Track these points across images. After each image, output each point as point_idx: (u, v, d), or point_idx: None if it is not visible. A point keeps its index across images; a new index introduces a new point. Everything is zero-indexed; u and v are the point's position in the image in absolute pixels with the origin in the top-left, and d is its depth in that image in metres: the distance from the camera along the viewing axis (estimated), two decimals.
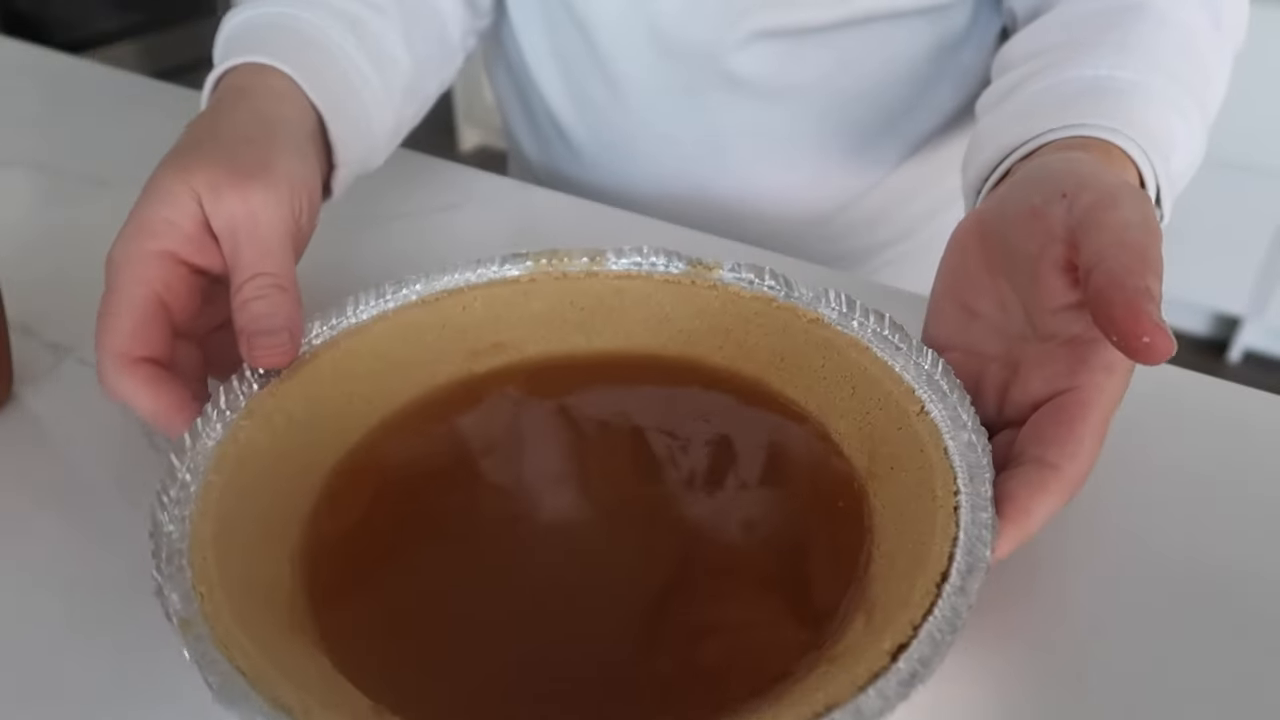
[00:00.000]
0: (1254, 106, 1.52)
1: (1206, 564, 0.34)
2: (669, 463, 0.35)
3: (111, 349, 0.33)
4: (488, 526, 0.33)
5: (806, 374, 0.37)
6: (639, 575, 0.31)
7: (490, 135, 2.55)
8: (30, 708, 0.29)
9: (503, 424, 0.37)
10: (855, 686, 0.24)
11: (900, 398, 0.33)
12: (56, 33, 1.87)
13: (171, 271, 0.34)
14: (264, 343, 0.33)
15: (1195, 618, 0.32)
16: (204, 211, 0.34)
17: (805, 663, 0.27)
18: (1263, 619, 0.32)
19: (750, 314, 0.38)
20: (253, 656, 0.25)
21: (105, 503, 0.36)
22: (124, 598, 0.32)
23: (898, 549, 0.30)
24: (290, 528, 0.31)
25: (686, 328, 0.39)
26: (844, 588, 0.30)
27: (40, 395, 0.41)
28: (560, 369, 0.39)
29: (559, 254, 0.40)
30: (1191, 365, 0.42)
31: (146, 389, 0.33)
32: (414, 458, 0.35)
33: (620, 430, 0.37)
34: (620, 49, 0.59)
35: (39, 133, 0.66)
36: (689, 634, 0.29)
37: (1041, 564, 0.34)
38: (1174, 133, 0.40)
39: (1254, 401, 0.42)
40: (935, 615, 0.26)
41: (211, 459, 0.31)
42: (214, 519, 0.29)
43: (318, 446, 0.34)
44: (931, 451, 0.31)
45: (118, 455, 0.38)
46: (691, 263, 0.39)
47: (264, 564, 0.29)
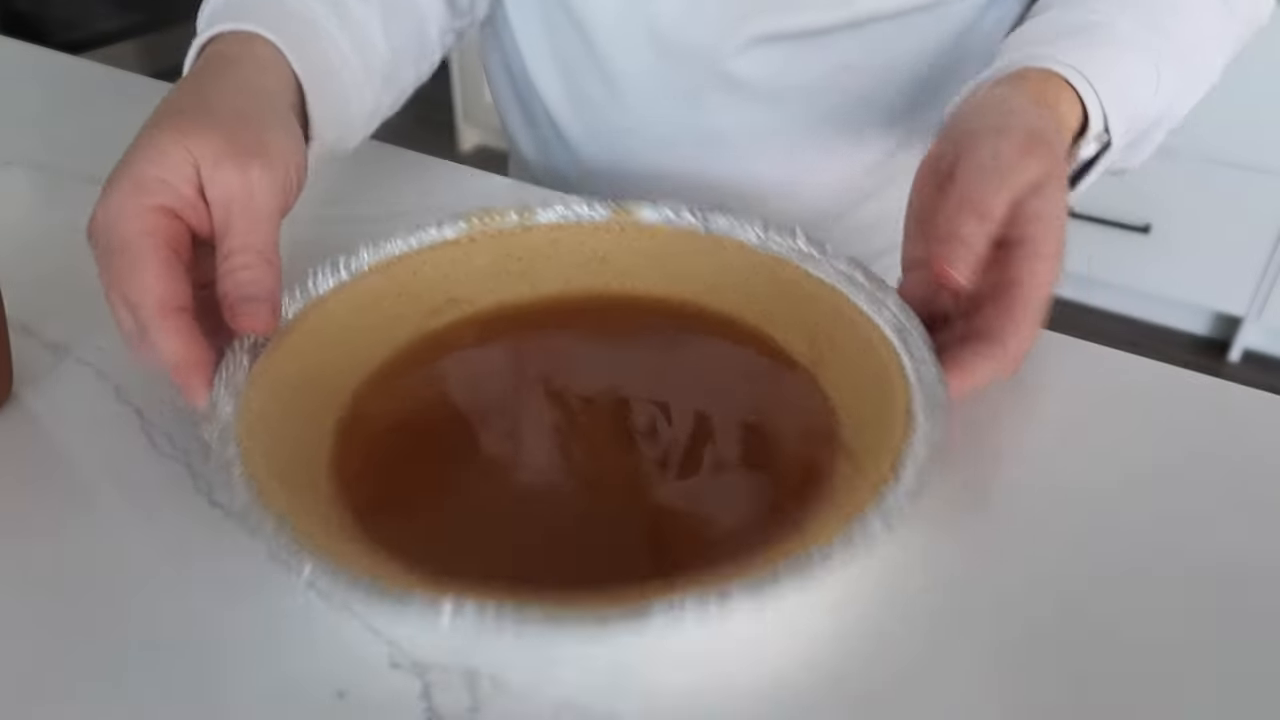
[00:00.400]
0: (1254, 106, 1.52)
1: (1207, 563, 0.34)
2: (634, 372, 0.41)
3: (149, 303, 0.33)
4: (487, 437, 0.38)
5: (739, 292, 0.41)
6: (624, 460, 0.36)
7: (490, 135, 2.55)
8: (31, 707, 0.29)
9: (478, 362, 0.42)
10: (866, 501, 0.28)
11: (825, 294, 0.39)
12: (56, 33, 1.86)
13: (172, 225, 0.34)
14: (247, 309, 0.34)
15: (1195, 617, 0.32)
16: (200, 178, 0.35)
17: (801, 504, 0.32)
18: (1263, 618, 0.32)
19: (677, 248, 0.42)
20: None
21: (105, 503, 0.36)
22: (124, 597, 0.32)
23: (859, 406, 0.35)
24: (315, 477, 0.34)
25: (621, 266, 0.43)
26: (823, 444, 0.35)
27: (40, 395, 0.41)
28: (511, 316, 0.43)
29: (490, 213, 0.43)
30: (1191, 365, 0.42)
31: (186, 340, 0.33)
32: (405, 402, 0.39)
33: (586, 354, 0.42)
34: (618, 49, 0.59)
35: (39, 133, 0.66)
36: (684, 494, 0.35)
37: (1040, 564, 0.34)
38: (1124, 63, 0.43)
39: (1254, 401, 0.42)
40: (913, 440, 0.30)
41: (234, 426, 0.32)
42: (250, 478, 0.31)
43: (316, 407, 0.37)
44: (864, 326, 0.37)
45: (118, 455, 0.38)
46: (614, 208, 0.43)
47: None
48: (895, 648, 0.31)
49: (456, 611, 0.26)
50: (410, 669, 0.30)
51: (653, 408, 0.38)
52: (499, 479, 0.36)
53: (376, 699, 0.29)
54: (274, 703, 0.29)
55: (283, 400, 0.35)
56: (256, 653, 0.31)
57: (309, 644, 0.31)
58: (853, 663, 0.31)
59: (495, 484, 0.36)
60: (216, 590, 0.33)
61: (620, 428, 0.38)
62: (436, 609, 0.26)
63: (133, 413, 0.40)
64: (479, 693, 0.30)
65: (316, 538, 0.28)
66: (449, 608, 0.26)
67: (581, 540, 0.33)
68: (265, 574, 0.33)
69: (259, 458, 0.31)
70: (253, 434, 0.32)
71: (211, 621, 0.32)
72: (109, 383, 0.42)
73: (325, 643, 0.31)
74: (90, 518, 0.36)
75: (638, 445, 0.37)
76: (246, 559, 0.34)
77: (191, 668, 0.30)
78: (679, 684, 0.30)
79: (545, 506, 0.35)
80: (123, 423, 0.40)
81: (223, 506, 0.36)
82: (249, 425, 0.32)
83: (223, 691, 0.30)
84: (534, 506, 0.35)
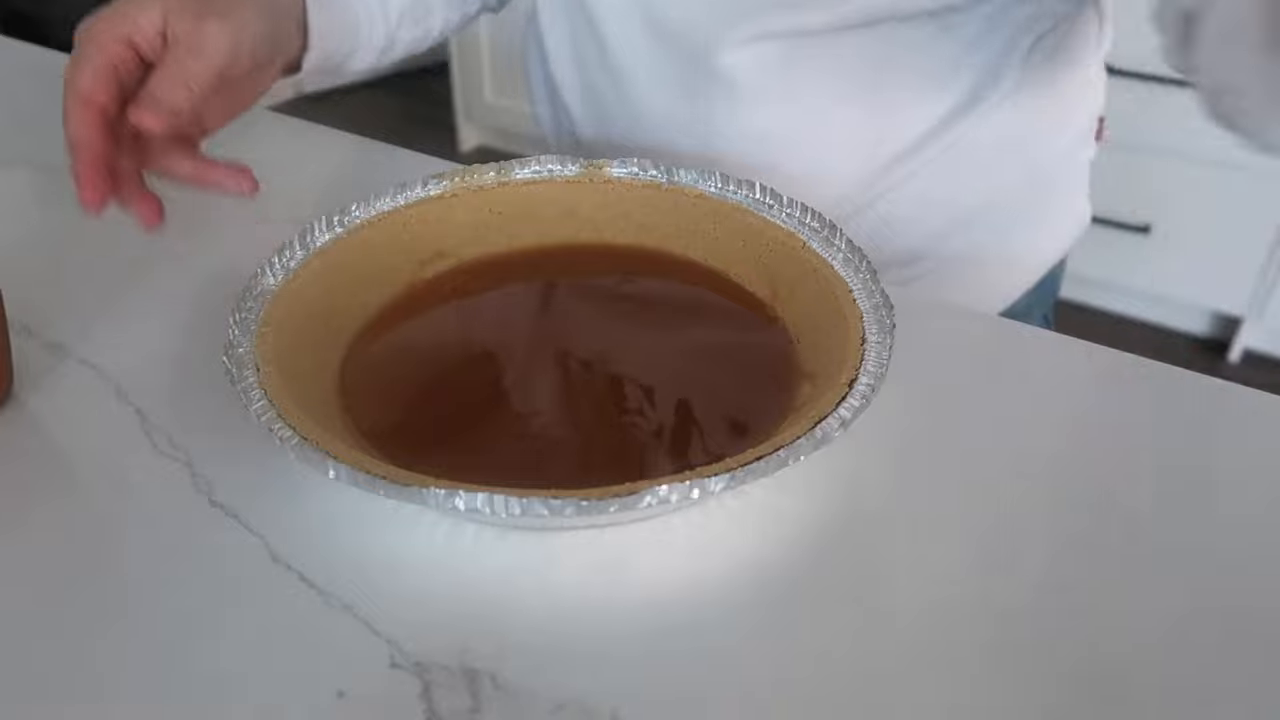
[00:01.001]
0: None
1: (1206, 563, 0.34)
2: (611, 315, 0.44)
3: (71, 92, 0.42)
4: (485, 363, 0.42)
5: (702, 238, 0.45)
6: (606, 387, 0.40)
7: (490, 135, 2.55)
8: (30, 707, 0.29)
9: (467, 307, 0.45)
10: (823, 412, 0.32)
11: (782, 237, 0.42)
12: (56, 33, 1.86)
13: (125, 53, 0.43)
14: (147, 105, 0.41)
15: (1194, 616, 0.32)
16: (165, 22, 0.43)
17: (770, 418, 0.36)
18: (1262, 618, 0.32)
19: (643, 199, 0.46)
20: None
21: (105, 503, 0.36)
22: (124, 597, 0.33)
23: (816, 335, 0.39)
24: (326, 403, 0.37)
25: (592, 218, 0.47)
26: (786, 370, 0.39)
27: (40, 395, 0.41)
28: (495, 264, 0.47)
29: (470, 170, 0.47)
30: (1191, 365, 0.42)
31: (91, 129, 0.41)
32: (403, 342, 0.43)
33: (565, 298, 0.46)
34: (621, 39, 0.59)
35: (39, 133, 0.66)
36: (659, 416, 0.38)
37: (1039, 563, 0.34)
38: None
39: (1253, 401, 0.42)
40: (866, 359, 0.35)
41: (253, 355, 0.36)
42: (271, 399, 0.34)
43: (325, 344, 0.40)
44: (817, 262, 0.40)
45: (118, 455, 0.38)
46: (585, 165, 0.47)
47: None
48: (896, 646, 0.31)
49: (469, 502, 0.29)
50: (410, 668, 0.30)
51: (630, 345, 0.42)
52: (490, 407, 0.40)
53: (376, 698, 0.30)
54: (274, 702, 0.29)
55: (292, 337, 0.38)
56: (256, 652, 0.31)
57: (309, 643, 0.31)
58: (865, 665, 0.31)
59: (486, 412, 0.39)
60: (216, 590, 0.33)
61: (600, 362, 0.42)
62: (451, 498, 0.29)
63: (133, 413, 0.40)
64: (479, 692, 0.30)
65: (335, 447, 0.31)
66: (461, 497, 0.29)
67: (567, 455, 0.37)
68: (265, 573, 0.33)
69: (276, 381, 0.35)
70: (268, 362, 0.35)
71: (211, 621, 0.32)
72: (109, 383, 0.42)
73: (325, 642, 0.31)
74: (90, 518, 0.36)
75: (620, 380, 0.41)
76: (246, 559, 0.34)
77: (191, 668, 0.30)
78: (678, 684, 0.30)
79: (531, 430, 0.38)
80: (123, 423, 0.40)
81: (223, 506, 0.36)
82: (264, 355, 0.36)
83: (223, 691, 0.30)
84: (521, 431, 0.38)
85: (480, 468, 0.33)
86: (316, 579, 0.33)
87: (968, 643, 0.31)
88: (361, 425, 0.37)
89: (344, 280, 0.42)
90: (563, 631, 0.32)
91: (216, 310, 0.43)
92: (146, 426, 0.39)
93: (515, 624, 0.32)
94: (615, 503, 0.29)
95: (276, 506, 0.36)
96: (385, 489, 0.29)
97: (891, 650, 0.31)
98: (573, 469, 0.36)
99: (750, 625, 0.32)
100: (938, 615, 0.32)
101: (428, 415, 0.39)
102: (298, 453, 0.31)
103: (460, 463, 0.35)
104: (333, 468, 0.30)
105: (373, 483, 0.29)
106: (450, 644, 0.31)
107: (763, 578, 0.34)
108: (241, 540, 0.35)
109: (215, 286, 0.47)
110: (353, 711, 0.29)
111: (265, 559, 0.34)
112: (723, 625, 0.32)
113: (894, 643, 0.31)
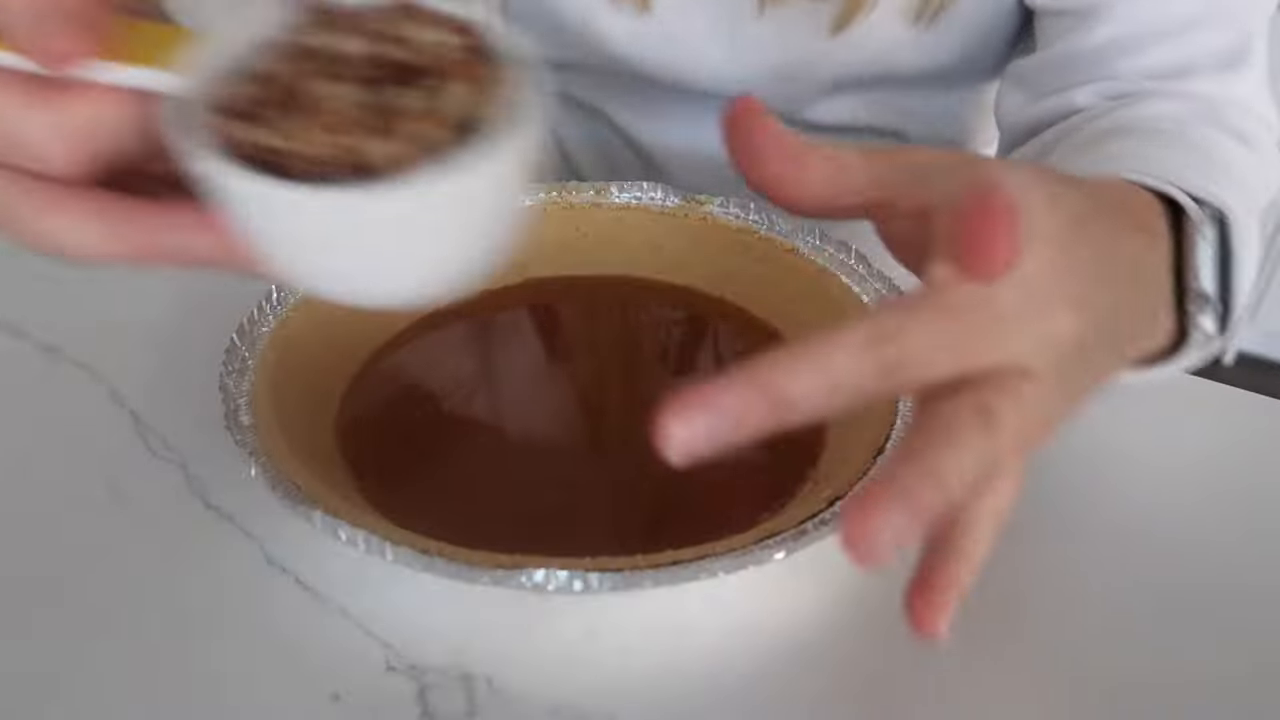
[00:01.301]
0: None
1: (1202, 564, 0.34)
2: (644, 353, 0.44)
3: None
4: (490, 409, 0.40)
5: (775, 293, 0.43)
6: (625, 432, 0.38)
7: None
8: (29, 708, 0.29)
9: (515, 324, 0.45)
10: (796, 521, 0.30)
11: (852, 301, 0.40)
12: None
13: None
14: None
15: (1191, 616, 0.32)
16: None
17: (783, 492, 0.34)
18: (1258, 617, 0.33)
19: (733, 243, 0.44)
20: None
21: (100, 506, 0.36)
22: (119, 600, 0.32)
23: (847, 435, 0.35)
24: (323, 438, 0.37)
25: (675, 251, 0.45)
26: (802, 466, 0.36)
27: (34, 398, 0.41)
28: (526, 288, 0.45)
29: (568, 187, 0.45)
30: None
31: None
32: (438, 354, 0.42)
33: (605, 330, 0.45)
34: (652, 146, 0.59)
35: None
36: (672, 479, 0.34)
37: (1038, 564, 0.34)
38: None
39: (1247, 404, 0.42)
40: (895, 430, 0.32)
41: (265, 344, 0.36)
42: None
43: (356, 341, 0.40)
44: None
45: (112, 458, 0.38)
46: (685, 198, 0.45)
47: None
48: (892, 649, 0.31)
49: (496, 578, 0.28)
50: (406, 672, 0.30)
51: (659, 388, 0.40)
52: (497, 451, 0.38)
53: (372, 702, 0.29)
54: (269, 706, 0.29)
55: (296, 361, 0.37)
56: (251, 656, 0.31)
57: (304, 647, 0.31)
58: (851, 660, 0.31)
59: (492, 456, 0.38)
60: (211, 593, 0.33)
61: (626, 408, 0.40)
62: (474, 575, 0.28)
63: (127, 415, 0.40)
64: (475, 695, 0.30)
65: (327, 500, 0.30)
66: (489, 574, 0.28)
67: (576, 512, 0.36)
68: (260, 576, 0.33)
69: (276, 435, 0.33)
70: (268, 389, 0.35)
71: (206, 624, 0.32)
72: (103, 385, 0.41)
73: (320, 645, 0.31)
74: (86, 521, 0.35)
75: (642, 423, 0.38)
76: (241, 562, 0.34)
77: (186, 670, 0.30)
78: (675, 688, 0.30)
79: (544, 476, 0.37)
80: (117, 426, 0.39)
81: (218, 509, 0.36)
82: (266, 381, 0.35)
83: (217, 694, 0.30)
84: (530, 477, 0.37)
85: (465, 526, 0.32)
86: (312, 582, 0.33)
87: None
88: (358, 467, 0.36)
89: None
90: (559, 635, 0.32)
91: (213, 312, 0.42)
92: (141, 429, 0.39)
93: (511, 627, 0.32)
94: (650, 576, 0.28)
95: (272, 509, 0.36)
96: (395, 554, 0.29)
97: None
98: (577, 526, 0.35)
99: (750, 625, 0.32)
100: None
101: (425, 459, 0.38)
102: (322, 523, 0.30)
103: (448, 517, 0.34)
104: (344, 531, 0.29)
105: (383, 548, 0.29)
106: (446, 647, 0.31)
107: (760, 576, 0.34)
108: (237, 543, 0.34)
109: (212, 288, 0.47)
110: (348, 715, 0.29)
111: (260, 562, 0.34)
112: (722, 626, 0.32)
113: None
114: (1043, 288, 0.22)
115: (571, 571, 0.28)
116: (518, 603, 0.32)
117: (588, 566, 0.28)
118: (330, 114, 0.21)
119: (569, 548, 0.29)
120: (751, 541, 0.29)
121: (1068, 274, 0.23)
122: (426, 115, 0.21)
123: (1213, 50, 0.44)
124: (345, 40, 0.22)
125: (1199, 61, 0.44)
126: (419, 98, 0.21)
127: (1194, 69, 0.44)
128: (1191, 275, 0.29)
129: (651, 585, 0.28)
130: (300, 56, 0.22)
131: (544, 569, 0.28)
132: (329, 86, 0.21)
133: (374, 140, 0.20)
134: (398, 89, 0.21)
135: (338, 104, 0.21)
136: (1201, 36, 0.44)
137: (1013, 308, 0.22)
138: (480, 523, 0.34)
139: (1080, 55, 0.46)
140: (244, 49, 0.23)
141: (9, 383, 0.41)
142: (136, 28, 0.23)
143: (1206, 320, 0.30)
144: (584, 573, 0.28)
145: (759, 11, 0.51)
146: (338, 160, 0.20)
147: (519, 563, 0.28)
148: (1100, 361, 0.25)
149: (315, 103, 0.21)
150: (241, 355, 0.36)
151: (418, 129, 0.21)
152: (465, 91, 0.22)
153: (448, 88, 0.22)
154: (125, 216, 0.26)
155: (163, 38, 0.23)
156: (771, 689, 0.30)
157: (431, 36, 0.23)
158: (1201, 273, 0.29)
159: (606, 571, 0.28)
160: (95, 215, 0.27)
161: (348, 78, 0.21)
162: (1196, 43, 0.44)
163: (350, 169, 0.20)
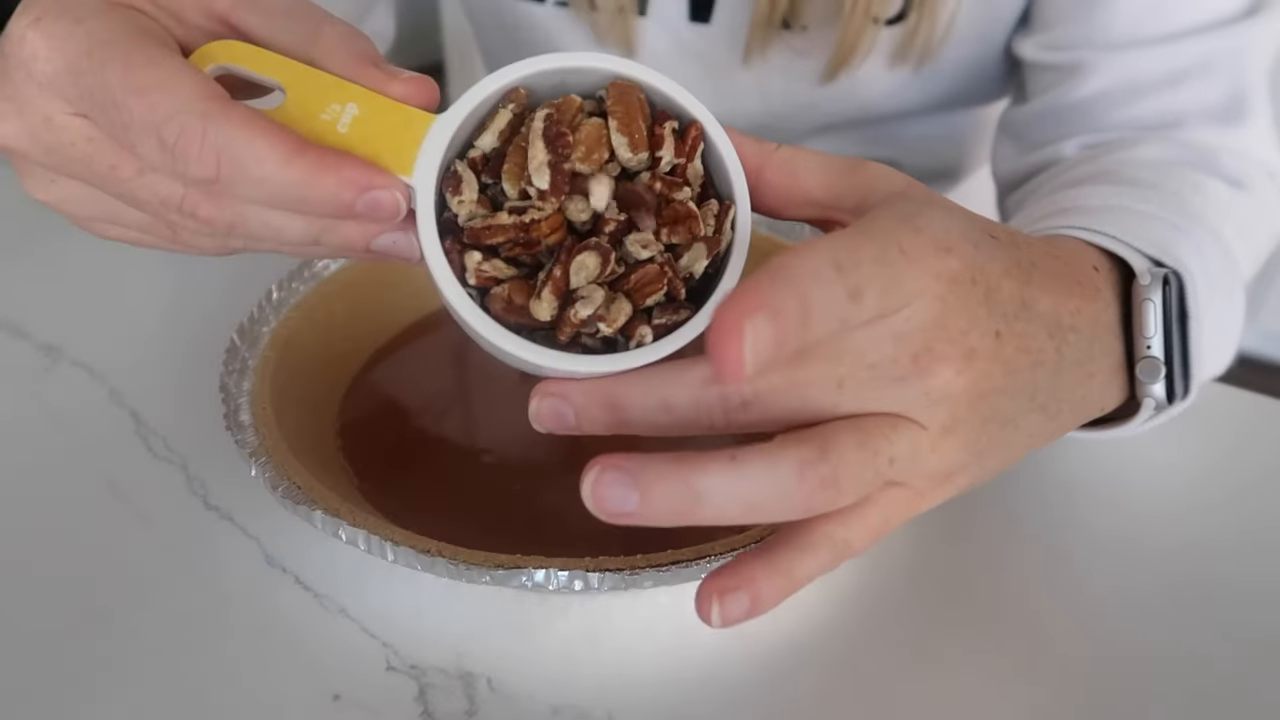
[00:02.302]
0: None
1: (1201, 563, 0.34)
2: None
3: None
4: (506, 401, 0.40)
5: None
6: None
7: None
8: (29, 708, 0.29)
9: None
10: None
11: None
12: None
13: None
14: None
15: (1191, 616, 0.33)
16: None
17: None
18: (1256, 618, 0.33)
19: None
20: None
21: (100, 506, 0.36)
22: (120, 600, 0.32)
23: None
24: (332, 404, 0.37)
25: None
26: None
27: (34, 398, 0.41)
28: None
29: None
30: None
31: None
32: (438, 354, 0.42)
33: None
34: None
35: None
36: None
37: (1037, 564, 0.34)
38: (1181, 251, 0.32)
39: (1246, 404, 0.42)
40: None
41: (265, 344, 0.36)
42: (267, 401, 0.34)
43: (356, 341, 0.40)
44: None
45: (113, 458, 0.38)
46: None
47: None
48: (891, 649, 0.31)
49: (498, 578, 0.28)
50: (406, 671, 0.30)
51: None
52: (497, 451, 0.38)
53: (372, 702, 0.29)
54: (269, 705, 0.29)
55: (299, 363, 0.37)
56: (251, 655, 0.31)
57: (304, 647, 0.31)
58: (850, 660, 0.31)
59: (492, 456, 0.38)
60: (212, 593, 0.33)
61: None
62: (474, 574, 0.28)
63: (128, 415, 0.40)
64: (475, 695, 0.30)
65: (329, 501, 0.30)
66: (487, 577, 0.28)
67: (576, 512, 0.35)
68: (260, 576, 0.33)
69: (276, 437, 0.33)
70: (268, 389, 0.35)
71: (206, 624, 0.32)
72: (104, 385, 0.42)
73: (320, 645, 0.31)
74: (86, 521, 0.35)
75: None
76: (241, 562, 0.34)
77: (186, 670, 0.30)
78: (674, 689, 0.30)
79: (544, 476, 0.37)
80: (118, 426, 0.39)
81: (218, 509, 0.36)
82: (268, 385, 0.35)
83: (218, 694, 0.30)
84: (531, 477, 0.37)
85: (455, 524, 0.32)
86: (312, 582, 0.33)
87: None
88: (360, 471, 0.36)
89: (361, 304, 0.41)
90: (559, 635, 0.32)
91: (213, 312, 0.43)
92: (141, 429, 0.39)
93: (511, 627, 0.32)
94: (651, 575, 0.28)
95: (272, 509, 0.36)
96: (398, 554, 0.29)
97: None
98: (569, 532, 0.34)
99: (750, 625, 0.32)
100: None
101: (421, 464, 0.38)
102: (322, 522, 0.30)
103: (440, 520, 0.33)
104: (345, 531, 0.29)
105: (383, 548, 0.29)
106: (446, 647, 0.31)
107: None
108: (237, 543, 0.34)
109: (212, 288, 0.47)
110: (348, 714, 0.29)
111: (261, 562, 0.34)
112: (720, 628, 0.32)
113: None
114: (921, 342, 0.22)
115: (571, 571, 0.28)
116: (518, 603, 0.32)
117: (588, 566, 0.28)
118: (570, 282, 0.24)
119: (569, 548, 0.29)
120: (751, 541, 0.29)
121: (954, 328, 0.23)
122: (660, 278, 0.24)
123: (1205, 101, 0.43)
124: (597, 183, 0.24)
125: (1190, 113, 0.43)
126: (658, 252, 0.24)
127: (1185, 120, 0.43)
128: (1140, 338, 0.29)
129: (651, 585, 0.28)
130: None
131: (544, 569, 0.28)
132: (577, 259, 0.24)
133: (607, 318, 0.24)
134: (637, 240, 0.24)
135: (581, 274, 0.24)
136: (1192, 88, 0.43)
137: (881, 357, 0.22)
138: (480, 522, 0.34)
139: (1069, 108, 0.46)
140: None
141: (9, 383, 0.41)
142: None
143: (1156, 387, 0.29)
144: (584, 573, 0.28)
145: (745, 63, 0.51)
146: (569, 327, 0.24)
147: (519, 563, 0.28)
148: (1022, 419, 0.25)
149: (564, 268, 0.24)
150: (241, 355, 0.36)
151: (652, 297, 0.24)
152: (700, 251, 0.25)
153: (691, 249, 0.25)
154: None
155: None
156: (771, 689, 0.30)
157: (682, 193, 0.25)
158: (1151, 337, 0.28)
159: (606, 571, 0.28)
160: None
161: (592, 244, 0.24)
162: (1187, 95, 0.43)
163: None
